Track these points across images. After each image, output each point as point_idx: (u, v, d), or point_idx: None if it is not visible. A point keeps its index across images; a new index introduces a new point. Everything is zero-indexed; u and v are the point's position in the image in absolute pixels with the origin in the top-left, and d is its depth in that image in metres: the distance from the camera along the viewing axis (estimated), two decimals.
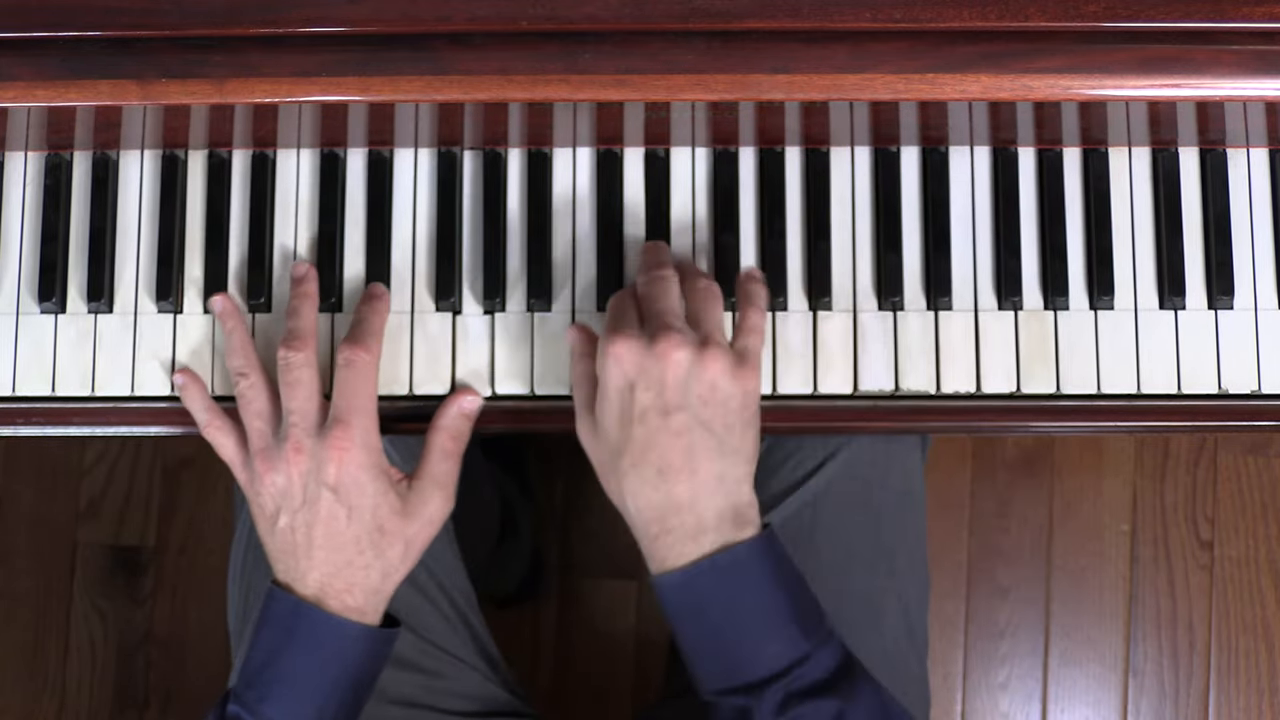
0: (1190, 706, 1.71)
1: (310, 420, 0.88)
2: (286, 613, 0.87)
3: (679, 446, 0.82)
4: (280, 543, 0.88)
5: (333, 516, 0.87)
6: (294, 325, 0.90)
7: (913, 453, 1.11)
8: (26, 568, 1.76)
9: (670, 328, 0.83)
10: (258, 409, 0.90)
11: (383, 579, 0.89)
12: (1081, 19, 0.84)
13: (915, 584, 1.09)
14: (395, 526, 0.89)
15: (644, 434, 0.83)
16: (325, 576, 0.87)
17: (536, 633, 1.72)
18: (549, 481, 1.73)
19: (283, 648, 0.87)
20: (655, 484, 0.83)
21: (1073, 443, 1.73)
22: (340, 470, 0.86)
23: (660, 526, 0.83)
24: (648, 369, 0.83)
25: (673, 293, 0.87)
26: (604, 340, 0.85)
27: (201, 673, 1.73)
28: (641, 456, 0.83)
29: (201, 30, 0.85)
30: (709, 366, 0.83)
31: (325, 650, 0.87)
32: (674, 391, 0.82)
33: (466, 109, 0.90)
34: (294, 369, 0.88)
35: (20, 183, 0.97)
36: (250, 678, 0.88)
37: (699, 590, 0.82)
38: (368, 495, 0.87)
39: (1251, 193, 0.95)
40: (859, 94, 0.85)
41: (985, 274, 0.94)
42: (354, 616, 0.88)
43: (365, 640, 0.88)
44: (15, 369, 0.95)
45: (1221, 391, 0.93)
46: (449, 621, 1.06)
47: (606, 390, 0.84)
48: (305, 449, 0.87)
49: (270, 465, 0.88)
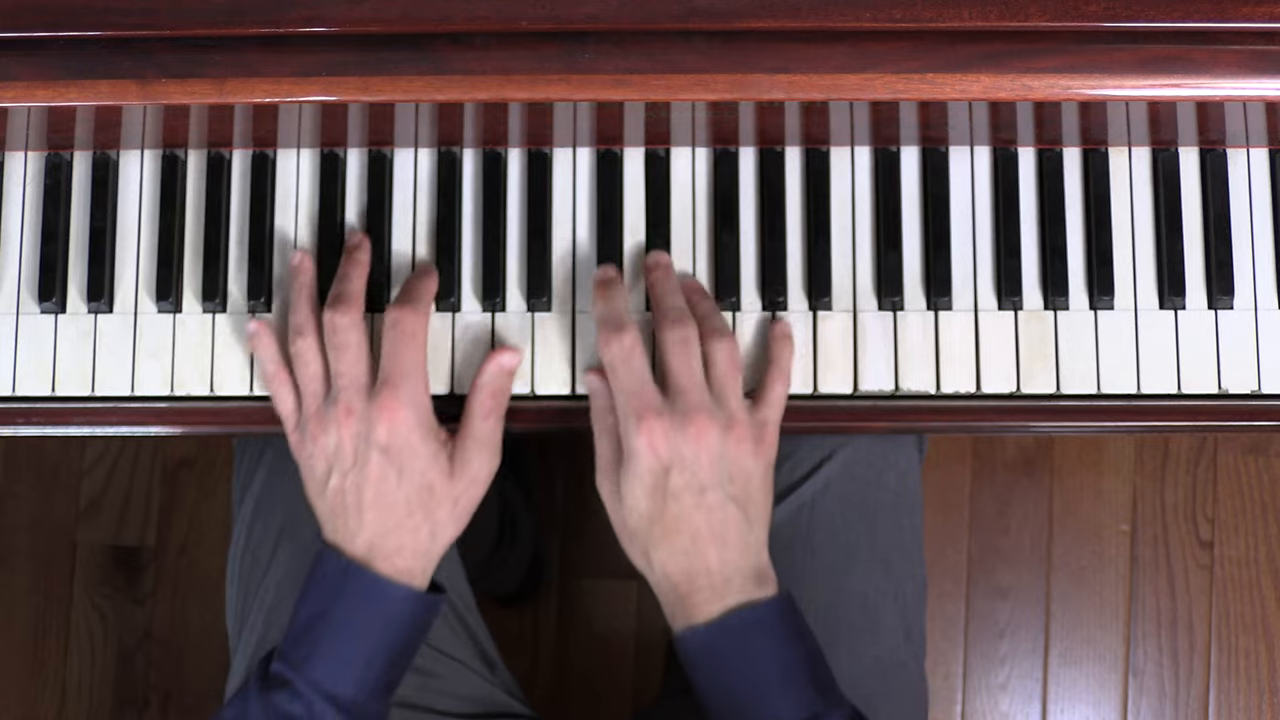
0: (1190, 706, 1.71)
1: (360, 382, 0.88)
2: (335, 573, 0.87)
3: (712, 521, 0.85)
4: (330, 504, 0.88)
5: (383, 477, 0.87)
6: (342, 289, 0.90)
7: (910, 453, 1.11)
8: (26, 568, 1.76)
9: (702, 409, 0.86)
10: (313, 371, 0.89)
11: (431, 540, 0.89)
12: (1081, 19, 0.84)
13: (913, 584, 1.09)
14: (444, 487, 0.89)
15: (678, 510, 0.85)
16: (375, 537, 0.87)
17: (536, 633, 1.72)
18: (549, 481, 1.73)
19: (330, 608, 0.87)
20: (686, 551, 0.85)
21: (1073, 443, 1.73)
22: (390, 431, 0.87)
23: (689, 587, 0.86)
24: (681, 453, 0.85)
25: (697, 363, 0.88)
26: (633, 415, 0.86)
27: (201, 673, 1.73)
28: (674, 530, 0.85)
29: (201, 30, 0.85)
30: (736, 447, 0.86)
31: (372, 611, 0.87)
32: (706, 472, 0.85)
33: (466, 109, 0.90)
34: (341, 332, 0.88)
35: (20, 183, 0.97)
36: (296, 637, 0.87)
37: (722, 645, 0.85)
38: (418, 456, 0.87)
39: (1251, 193, 0.95)
40: (859, 94, 0.85)
41: (985, 274, 0.94)
42: (403, 578, 0.87)
43: (412, 603, 0.88)
44: (15, 369, 0.95)
45: (1221, 391, 0.93)
46: (447, 622, 1.06)
47: (637, 469, 0.86)
48: (356, 411, 0.87)
49: (322, 427, 0.88)
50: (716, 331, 0.89)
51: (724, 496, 0.86)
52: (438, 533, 0.89)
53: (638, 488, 0.86)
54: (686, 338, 0.88)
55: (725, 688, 0.85)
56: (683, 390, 0.86)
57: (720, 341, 0.89)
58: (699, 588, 0.85)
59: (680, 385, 0.87)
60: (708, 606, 0.85)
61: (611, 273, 0.93)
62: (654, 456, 0.85)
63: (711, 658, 0.85)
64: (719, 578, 0.85)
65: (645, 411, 0.85)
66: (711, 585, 0.85)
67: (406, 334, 0.88)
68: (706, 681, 0.86)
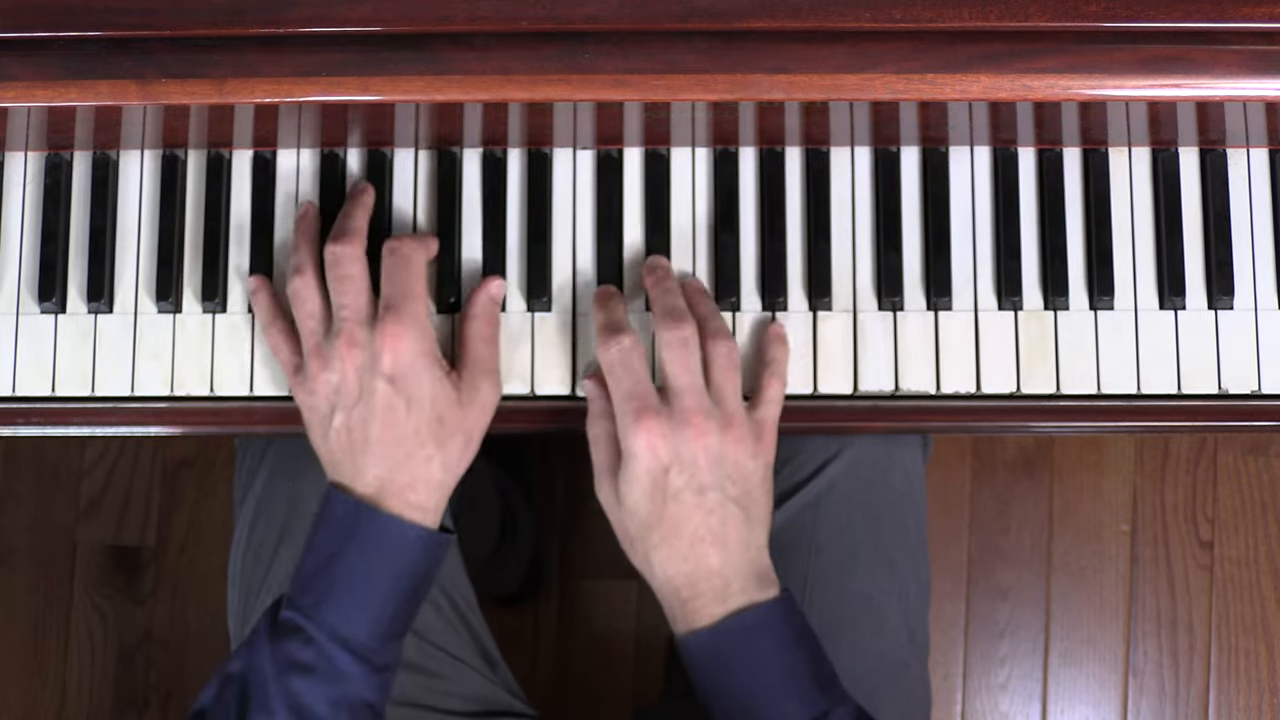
0: (1190, 706, 1.71)
1: (362, 313, 0.86)
2: (345, 514, 0.85)
3: (712, 522, 0.85)
4: (336, 443, 0.86)
5: (390, 408, 0.85)
6: (345, 224, 0.90)
7: (914, 454, 1.11)
8: (26, 568, 1.76)
9: (701, 410, 0.85)
10: (310, 309, 0.88)
11: (444, 472, 0.87)
12: (1081, 19, 0.84)
13: (917, 585, 1.09)
14: (454, 416, 0.87)
15: (677, 511, 0.85)
16: (385, 472, 0.85)
17: (536, 633, 1.72)
18: (549, 481, 1.73)
19: (340, 550, 0.85)
20: (687, 555, 0.85)
21: (1073, 443, 1.73)
22: (396, 358, 0.85)
23: (690, 591, 0.85)
24: (680, 453, 0.85)
25: (696, 364, 0.87)
26: (630, 416, 0.85)
27: (201, 673, 1.73)
28: (674, 532, 0.85)
29: (201, 30, 0.85)
30: (735, 448, 0.86)
31: (385, 553, 0.85)
32: (706, 472, 0.85)
33: (466, 109, 0.90)
34: (344, 263, 0.87)
35: (20, 183, 0.97)
36: (306, 581, 0.85)
37: (726, 648, 0.85)
38: (425, 384, 0.86)
39: (1251, 193, 0.95)
40: (859, 94, 0.85)
41: (985, 274, 0.94)
42: (415, 515, 0.86)
43: (424, 543, 0.86)
44: (15, 369, 0.95)
45: (1221, 391, 0.93)
46: (449, 622, 1.06)
47: (636, 470, 0.85)
48: (359, 341, 0.86)
49: (324, 363, 0.87)
50: (716, 332, 0.89)
51: (724, 497, 0.85)
52: (449, 464, 0.87)
53: (637, 490, 0.85)
54: (685, 338, 0.87)
55: (729, 690, 0.85)
56: (681, 391, 0.86)
57: (720, 342, 0.89)
58: (700, 591, 0.85)
59: (678, 386, 0.86)
60: (710, 609, 0.85)
61: (611, 289, 0.93)
62: (653, 457, 0.85)
63: (714, 661, 0.85)
64: (720, 580, 0.85)
65: (643, 413, 0.85)
66: (713, 588, 0.85)
67: (405, 258, 0.87)
68: (710, 685, 0.85)
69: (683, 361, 0.87)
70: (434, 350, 0.87)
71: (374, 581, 0.85)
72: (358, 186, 0.94)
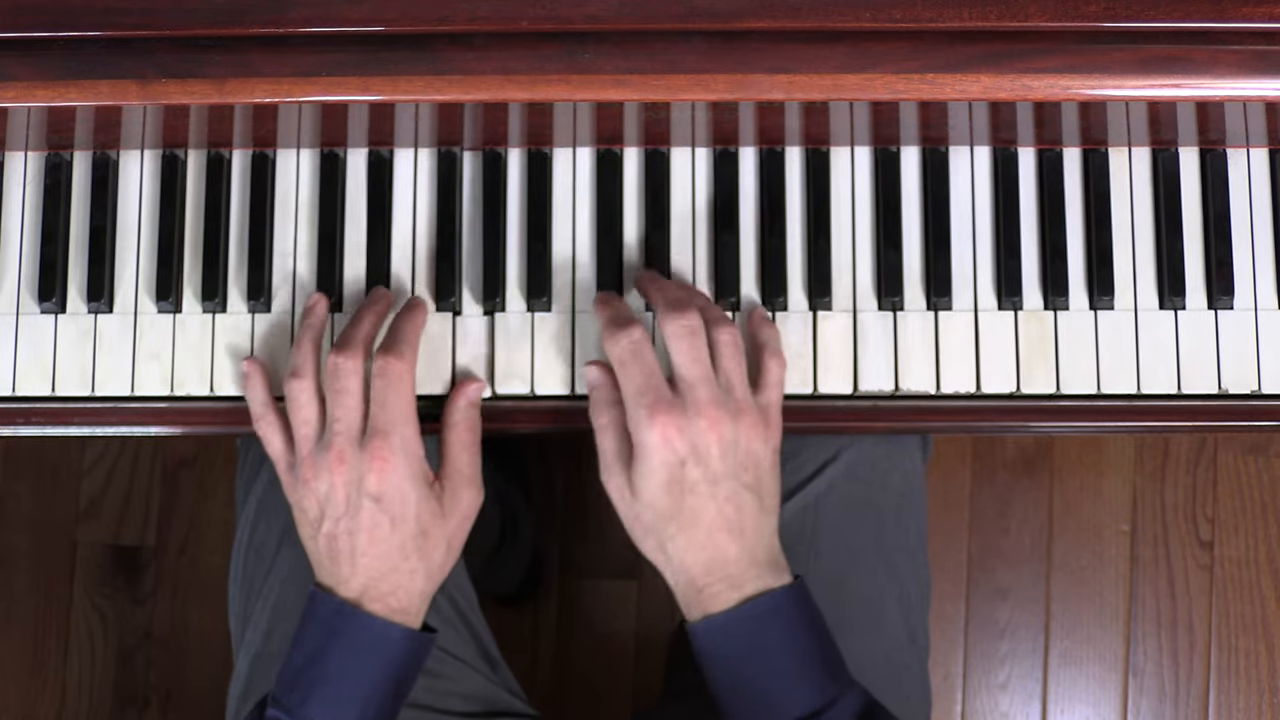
0: (1190, 706, 1.71)
1: (354, 430, 0.87)
2: (330, 614, 0.87)
3: (728, 510, 0.85)
4: (324, 548, 0.88)
5: (376, 525, 0.87)
6: (352, 332, 0.90)
7: (914, 454, 1.11)
8: (26, 568, 1.76)
9: (713, 401, 0.86)
10: (305, 416, 0.89)
11: (427, 581, 0.89)
12: (1081, 19, 0.84)
13: (917, 585, 1.09)
14: (437, 529, 0.89)
15: (695, 503, 0.85)
16: (368, 582, 0.87)
17: (536, 633, 1.72)
18: (549, 481, 1.73)
19: (325, 649, 0.87)
20: (704, 544, 0.85)
21: (1073, 443, 1.73)
22: (382, 481, 0.86)
23: (707, 579, 0.86)
24: (695, 445, 0.85)
25: (705, 352, 0.87)
26: (644, 410, 0.85)
27: (201, 673, 1.73)
28: (692, 523, 0.85)
29: (201, 30, 0.85)
30: (747, 434, 0.86)
31: (368, 652, 0.87)
32: (720, 462, 0.85)
33: (466, 109, 0.90)
34: (343, 377, 0.88)
35: (20, 183, 0.97)
36: (291, 680, 0.87)
37: (739, 633, 0.85)
38: (410, 504, 0.87)
39: (1251, 193, 0.95)
40: (859, 94, 0.85)
41: (985, 274, 0.94)
42: (397, 618, 0.88)
43: (407, 642, 0.88)
44: (15, 369, 0.95)
45: (1221, 391, 0.93)
46: (450, 622, 1.06)
47: (652, 464, 0.85)
48: (348, 459, 0.87)
49: (314, 471, 0.88)
50: (717, 320, 0.89)
51: (739, 485, 0.86)
52: (433, 573, 0.89)
53: (654, 482, 0.85)
54: (693, 327, 0.87)
55: (740, 676, 0.85)
56: (693, 382, 0.86)
57: (722, 329, 0.88)
58: (716, 578, 0.85)
59: (690, 377, 0.86)
60: (724, 596, 0.85)
61: (611, 294, 0.93)
62: (669, 451, 0.85)
63: (727, 646, 0.85)
64: (736, 567, 0.85)
65: (658, 406, 0.85)
66: (728, 575, 0.85)
67: (394, 381, 0.88)
68: (721, 670, 0.86)
69: (692, 352, 0.87)
70: (420, 469, 0.88)
71: (357, 680, 0.86)
72: (376, 293, 0.94)
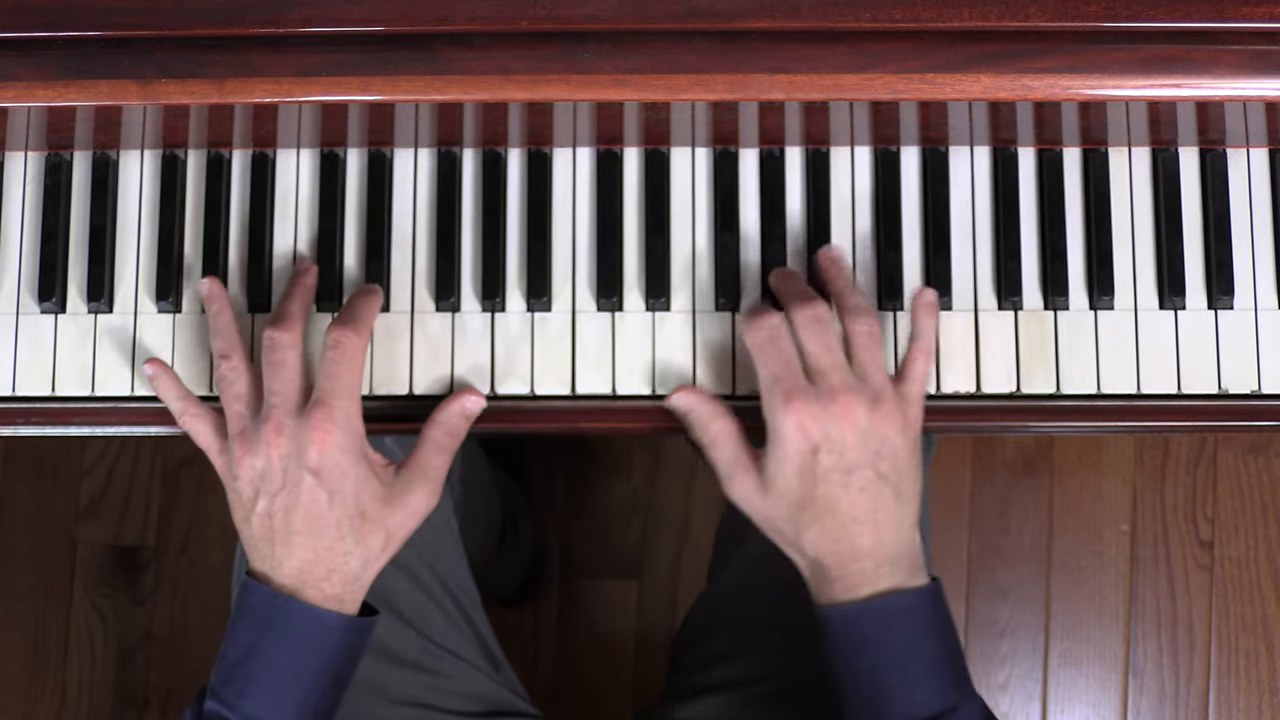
0: (1190, 706, 1.71)
1: (292, 401, 0.86)
2: (263, 604, 0.85)
3: (863, 501, 0.85)
4: (257, 529, 0.86)
5: (314, 500, 0.85)
6: (284, 308, 0.89)
7: None
8: (26, 568, 1.76)
9: (847, 388, 0.85)
10: (238, 391, 0.88)
11: (363, 566, 0.87)
12: (1081, 19, 0.84)
13: None
14: (377, 513, 0.86)
15: (828, 491, 0.85)
16: (304, 564, 0.85)
17: (536, 633, 1.72)
18: (549, 481, 1.73)
19: (260, 640, 0.85)
20: (839, 535, 0.85)
21: (1073, 443, 1.73)
22: (322, 452, 0.84)
23: (840, 571, 0.85)
24: (830, 432, 0.85)
25: (834, 340, 0.87)
26: (780, 396, 0.85)
27: (201, 673, 1.73)
28: (827, 512, 0.85)
29: (201, 30, 0.85)
30: (883, 423, 0.86)
31: (303, 642, 0.85)
32: (855, 451, 0.85)
33: (466, 109, 0.90)
34: (279, 349, 0.87)
35: (20, 183, 0.97)
36: (227, 673, 0.86)
37: (867, 626, 0.85)
38: (350, 479, 0.85)
39: (1251, 193, 0.95)
40: (859, 94, 0.85)
41: (985, 274, 0.94)
42: (332, 605, 0.86)
43: (343, 630, 0.86)
44: (15, 369, 0.95)
45: (1221, 391, 0.93)
46: (453, 621, 1.06)
47: (786, 451, 0.85)
48: (286, 430, 0.85)
49: (249, 448, 0.86)
50: (855, 309, 0.89)
51: (874, 475, 0.85)
52: (369, 560, 0.87)
53: (787, 470, 0.85)
54: (818, 316, 0.87)
55: (862, 668, 0.85)
56: (825, 370, 0.86)
57: (860, 319, 0.88)
58: (850, 571, 0.85)
59: (822, 365, 0.86)
60: (857, 588, 0.85)
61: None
62: (804, 437, 0.84)
63: (853, 636, 0.85)
64: (871, 561, 0.85)
65: (793, 393, 0.85)
66: (862, 569, 0.85)
67: (346, 355, 0.86)
68: (844, 659, 0.85)
69: (821, 339, 0.87)
70: (362, 446, 0.87)
71: (293, 670, 0.85)
72: (301, 264, 0.93)
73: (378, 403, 0.94)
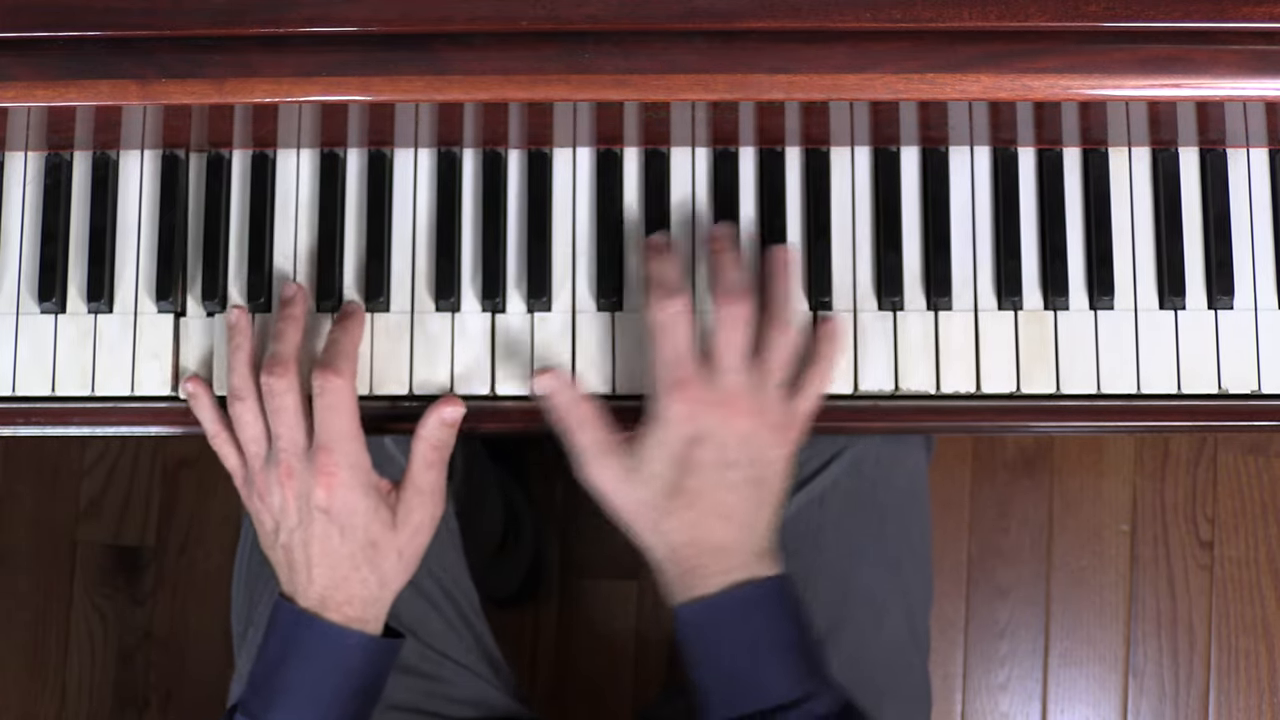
0: (1190, 706, 1.71)
1: (298, 445, 0.89)
2: (290, 622, 0.89)
3: (731, 499, 0.86)
4: (281, 558, 0.90)
5: (326, 536, 0.88)
6: (277, 349, 0.90)
7: (918, 453, 1.11)
8: (26, 568, 1.76)
9: (741, 390, 0.86)
10: (252, 434, 0.90)
11: (380, 588, 0.90)
12: (1081, 19, 0.84)
13: (919, 584, 1.09)
14: (387, 540, 0.90)
15: (698, 484, 0.86)
16: (325, 589, 0.89)
17: (536, 633, 1.72)
18: (549, 482, 1.73)
19: (286, 657, 0.88)
20: (696, 525, 0.86)
21: (1073, 443, 1.73)
22: (329, 494, 0.88)
23: (694, 562, 0.86)
24: (714, 428, 0.86)
25: (745, 341, 0.87)
26: (673, 380, 0.86)
27: (201, 673, 1.73)
28: (689, 504, 0.86)
29: (201, 30, 0.85)
30: (766, 434, 0.87)
31: (326, 660, 0.88)
32: (733, 450, 0.86)
33: (466, 109, 0.90)
34: (278, 395, 0.89)
35: (20, 183, 0.97)
36: (256, 686, 0.89)
37: (721, 618, 0.86)
38: (359, 514, 0.89)
39: (1251, 193, 0.95)
40: (859, 94, 0.85)
41: (985, 274, 0.94)
42: (355, 625, 0.89)
43: (365, 649, 0.89)
44: (15, 369, 0.95)
45: (1221, 391, 0.93)
46: (452, 626, 1.06)
47: (667, 435, 0.86)
48: (295, 473, 0.88)
49: (267, 487, 0.90)
50: (781, 323, 0.89)
51: (744, 477, 0.86)
52: (387, 581, 0.90)
53: (662, 453, 0.86)
54: (738, 316, 0.87)
55: (719, 660, 0.86)
56: (726, 369, 0.87)
57: (781, 332, 0.88)
58: (703, 563, 0.86)
59: (724, 363, 0.87)
60: (710, 580, 0.86)
61: (662, 240, 0.92)
62: (689, 424, 0.85)
63: (708, 629, 0.86)
64: (724, 554, 0.86)
65: (686, 381, 0.86)
66: (715, 560, 0.86)
67: (333, 398, 0.88)
68: (700, 653, 0.87)
69: (734, 339, 0.87)
70: (368, 480, 0.89)
71: (317, 687, 0.88)
72: (286, 292, 0.93)
73: (378, 403, 0.94)
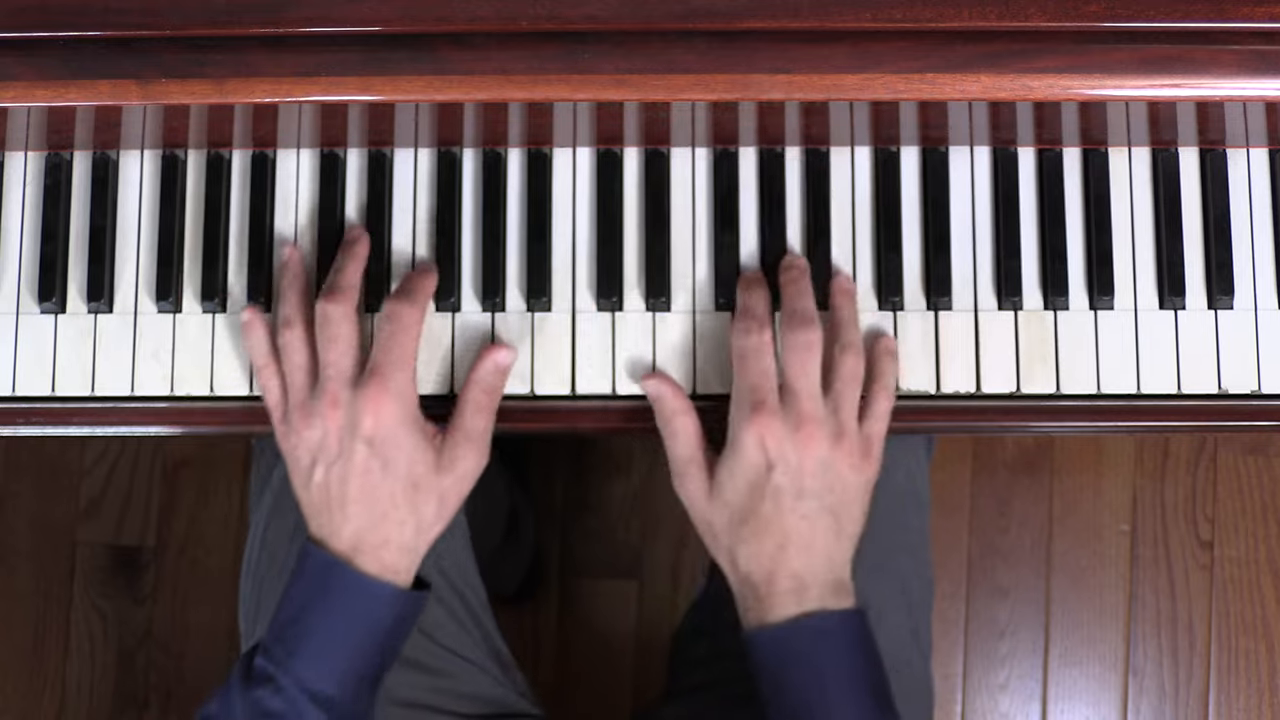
0: (1190, 706, 1.71)
1: (347, 374, 0.87)
2: (319, 569, 0.87)
3: (803, 527, 0.86)
4: (315, 497, 0.88)
5: (367, 470, 0.86)
6: (337, 280, 0.90)
7: (918, 453, 1.11)
8: (26, 568, 1.76)
9: (815, 417, 0.86)
10: (299, 362, 0.89)
11: (416, 535, 0.88)
12: (1081, 19, 0.84)
13: (920, 584, 1.09)
14: (430, 482, 0.88)
15: (773, 510, 0.86)
16: (359, 531, 0.87)
17: (536, 633, 1.72)
18: (549, 481, 1.73)
19: (313, 604, 0.87)
20: (773, 554, 0.86)
21: (1073, 443, 1.73)
22: (376, 423, 0.86)
23: (768, 589, 0.86)
24: (787, 455, 0.86)
25: (815, 368, 0.88)
26: (749, 407, 0.86)
27: (201, 673, 1.74)
28: (765, 529, 0.86)
29: (201, 30, 0.85)
30: (841, 461, 0.87)
31: (355, 610, 0.86)
32: (809, 479, 0.86)
33: (466, 109, 0.90)
34: (333, 323, 0.88)
35: (20, 183, 0.97)
36: (279, 632, 0.87)
37: (795, 647, 0.85)
38: (403, 449, 0.87)
39: (1251, 193, 0.95)
40: (859, 94, 0.85)
41: (985, 274, 0.94)
42: (388, 575, 0.87)
43: (395, 602, 0.87)
44: (15, 369, 0.95)
45: (1221, 391, 0.93)
46: (459, 621, 1.06)
47: (742, 463, 0.86)
48: (341, 402, 0.87)
49: (307, 419, 0.88)
50: (848, 346, 0.89)
51: (820, 506, 0.86)
52: (423, 528, 0.89)
53: (739, 481, 0.86)
54: (810, 342, 0.88)
55: (790, 688, 0.85)
56: (799, 394, 0.87)
57: (848, 355, 0.89)
58: (779, 590, 0.86)
59: (796, 389, 0.87)
60: (785, 608, 0.86)
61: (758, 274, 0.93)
62: (761, 452, 0.85)
63: (781, 657, 0.86)
64: (799, 583, 0.86)
65: (761, 407, 0.86)
66: (790, 589, 0.86)
67: (401, 327, 0.88)
68: (772, 680, 0.86)
69: (803, 365, 0.87)
70: (415, 416, 0.88)
71: (343, 636, 0.86)
72: (351, 234, 0.94)
73: None
